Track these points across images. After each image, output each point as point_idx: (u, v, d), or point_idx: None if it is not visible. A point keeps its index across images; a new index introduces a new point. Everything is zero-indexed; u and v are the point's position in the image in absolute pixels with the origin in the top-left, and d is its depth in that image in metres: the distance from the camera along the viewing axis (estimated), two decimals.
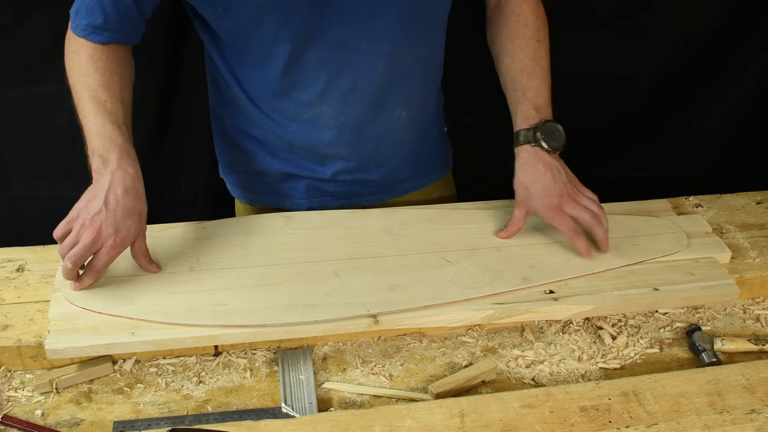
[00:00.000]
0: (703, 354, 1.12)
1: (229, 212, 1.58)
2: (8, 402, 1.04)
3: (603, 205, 1.36)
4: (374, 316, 1.10)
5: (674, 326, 1.19)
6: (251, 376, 1.09)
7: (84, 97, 1.14)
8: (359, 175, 1.37)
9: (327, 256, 1.21)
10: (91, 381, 1.07)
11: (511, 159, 1.28)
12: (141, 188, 1.12)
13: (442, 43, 1.34)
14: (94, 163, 1.11)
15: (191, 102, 1.77)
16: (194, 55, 1.72)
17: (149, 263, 1.15)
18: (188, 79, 1.76)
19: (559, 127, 1.25)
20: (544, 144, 1.23)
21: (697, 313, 1.21)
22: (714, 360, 1.11)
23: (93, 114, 1.13)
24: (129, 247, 1.12)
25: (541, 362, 1.12)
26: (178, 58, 1.73)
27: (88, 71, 1.15)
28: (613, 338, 1.16)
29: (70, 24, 1.19)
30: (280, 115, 1.29)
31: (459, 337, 1.16)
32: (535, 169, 1.23)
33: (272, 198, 1.43)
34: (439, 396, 1.04)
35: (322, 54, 1.20)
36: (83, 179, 1.83)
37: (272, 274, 1.17)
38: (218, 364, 1.11)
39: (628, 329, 1.18)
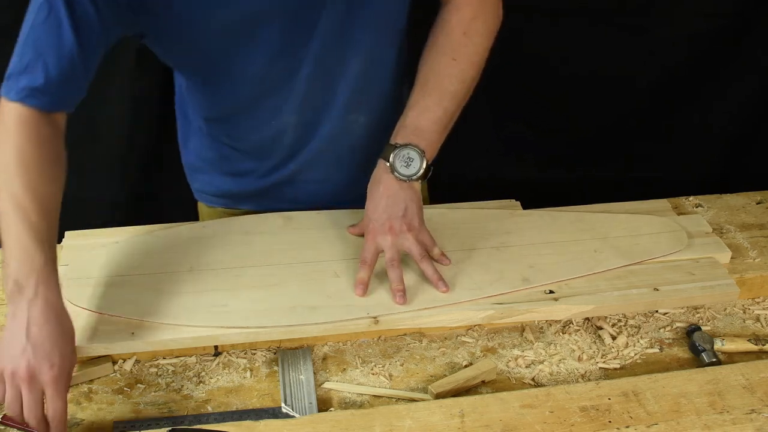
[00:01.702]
0: (703, 354, 1.11)
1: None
2: None
3: (603, 205, 1.37)
4: (374, 318, 1.10)
5: (674, 326, 1.19)
6: (251, 376, 1.09)
7: (4, 200, 0.97)
8: (323, 180, 1.35)
9: (327, 256, 1.21)
10: (91, 381, 1.07)
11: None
12: (65, 314, 0.97)
13: (396, 50, 1.25)
14: (8, 287, 0.95)
15: None
16: None
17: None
18: None
19: (421, 156, 1.15)
20: (392, 168, 1.16)
21: (697, 313, 1.21)
22: (714, 360, 1.11)
23: (14, 225, 0.96)
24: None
25: (541, 362, 1.12)
26: None
27: (15, 166, 0.98)
28: (613, 338, 1.16)
29: (1, 90, 1.02)
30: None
31: (459, 337, 1.16)
32: (376, 187, 1.18)
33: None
34: (439, 396, 1.04)
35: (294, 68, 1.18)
36: (82, 179, 1.84)
37: (272, 275, 1.17)
38: (218, 364, 1.11)
39: (628, 329, 1.18)
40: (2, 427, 0.98)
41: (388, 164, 1.17)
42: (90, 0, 1.00)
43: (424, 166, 1.16)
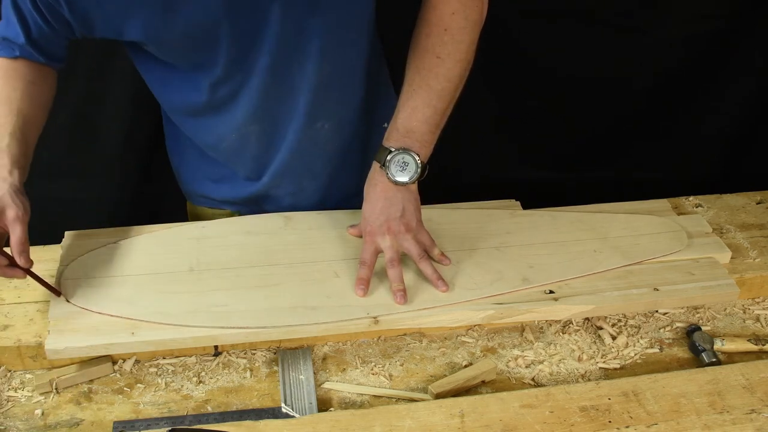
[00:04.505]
0: (703, 354, 1.11)
1: None
2: (8, 402, 1.04)
3: (603, 204, 1.37)
4: (374, 318, 1.10)
5: (674, 326, 1.19)
6: (251, 376, 1.09)
7: None
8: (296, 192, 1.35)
9: (327, 256, 1.21)
10: (91, 381, 1.07)
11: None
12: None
13: (368, 52, 1.24)
14: None
15: None
16: None
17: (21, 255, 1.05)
18: None
19: (416, 160, 1.15)
20: (387, 172, 1.16)
21: (697, 313, 1.21)
22: (714, 360, 1.11)
23: None
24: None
25: (541, 362, 1.12)
26: None
27: None
28: (613, 338, 1.16)
29: None
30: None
31: (459, 337, 1.16)
32: (372, 189, 1.18)
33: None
34: (439, 396, 1.04)
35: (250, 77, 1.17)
36: (82, 180, 1.84)
37: (272, 275, 1.17)
38: (218, 364, 1.10)
39: (628, 329, 1.18)
40: (3, 428, 0.99)
41: (383, 168, 1.17)
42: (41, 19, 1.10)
43: (419, 168, 1.16)
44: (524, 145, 2.00)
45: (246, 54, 1.14)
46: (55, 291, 1.11)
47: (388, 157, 1.16)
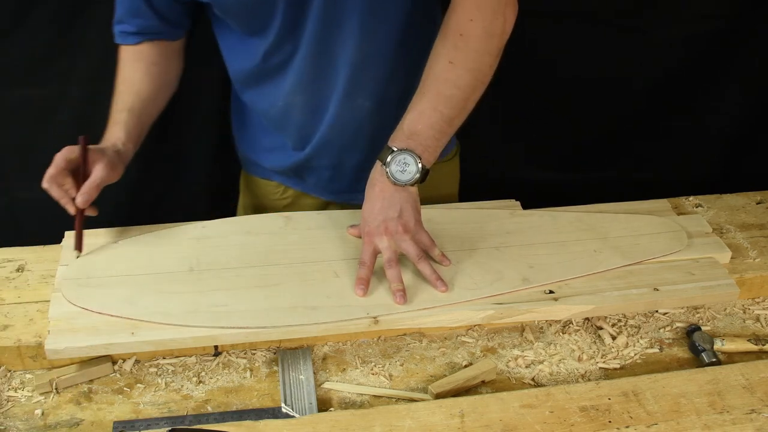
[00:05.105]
0: (703, 354, 1.11)
1: (230, 212, 1.58)
2: (8, 402, 1.04)
3: (603, 205, 1.37)
4: (374, 318, 1.10)
5: (674, 326, 1.19)
6: (251, 376, 1.09)
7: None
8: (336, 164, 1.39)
9: (327, 256, 1.21)
10: (91, 381, 1.07)
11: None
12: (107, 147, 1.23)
13: (414, 31, 1.27)
14: None
15: (190, 103, 1.77)
16: (193, 59, 1.72)
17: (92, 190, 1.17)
18: (188, 81, 1.76)
19: (417, 162, 1.15)
20: (388, 172, 1.16)
21: (697, 313, 1.21)
22: (714, 360, 1.11)
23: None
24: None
25: (541, 362, 1.12)
26: None
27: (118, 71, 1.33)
28: (613, 338, 1.16)
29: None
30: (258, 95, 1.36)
31: (459, 337, 1.16)
32: (371, 189, 1.19)
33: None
34: (439, 396, 1.04)
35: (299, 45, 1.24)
36: None
37: (272, 275, 1.17)
38: (218, 364, 1.11)
39: (628, 329, 1.18)
40: (2, 428, 0.99)
41: (384, 167, 1.17)
42: None
43: (420, 171, 1.16)
44: (524, 145, 2.00)
45: (296, 25, 1.21)
46: (78, 245, 1.18)
47: (390, 157, 1.16)
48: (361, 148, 1.37)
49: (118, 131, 1.25)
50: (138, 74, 1.31)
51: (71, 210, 1.17)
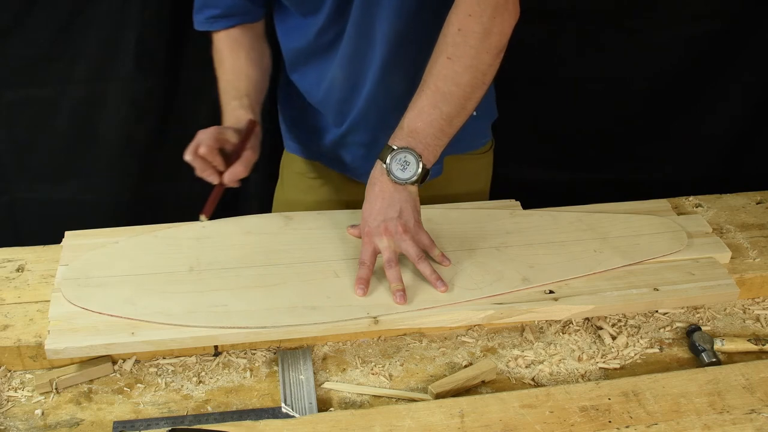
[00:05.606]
0: (703, 354, 1.12)
1: (231, 212, 1.58)
2: (8, 402, 1.04)
3: (603, 204, 1.37)
4: (374, 318, 1.10)
5: (674, 326, 1.19)
6: (251, 376, 1.09)
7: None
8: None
9: (327, 256, 1.21)
10: (91, 381, 1.07)
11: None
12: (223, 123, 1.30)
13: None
14: None
15: (191, 102, 1.77)
16: (194, 57, 1.72)
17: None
18: (188, 80, 1.76)
19: (417, 160, 1.16)
20: (388, 170, 1.16)
21: (697, 313, 1.21)
22: (714, 360, 1.11)
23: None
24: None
25: (541, 362, 1.12)
26: (178, 60, 1.73)
27: (217, 61, 1.38)
28: (613, 338, 1.16)
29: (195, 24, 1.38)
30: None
31: (459, 337, 1.16)
32: (371, 189, 1.19)
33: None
34: (438, 396, 1.04)
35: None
36: (82, 181, 1.84)
37: (272, 275, 1.17)
38: (218, 364, 1.11)
39: (628, 329, 1.18)
40: (2, 428, 0.99)
41: (384, 166, 1.17)
42: None
43: (420, 170, 1.16)
44: (525, 145, 2.00)
45: (344, 5, 1.24)
46: (209, 211, 1.21)
47: (390, 155, 1.16)
48: (394, 128, 1.33)
49: (245, 115, 1.28)
50: (241, 61, 1.35)
51: (215, 180, 1.21)
